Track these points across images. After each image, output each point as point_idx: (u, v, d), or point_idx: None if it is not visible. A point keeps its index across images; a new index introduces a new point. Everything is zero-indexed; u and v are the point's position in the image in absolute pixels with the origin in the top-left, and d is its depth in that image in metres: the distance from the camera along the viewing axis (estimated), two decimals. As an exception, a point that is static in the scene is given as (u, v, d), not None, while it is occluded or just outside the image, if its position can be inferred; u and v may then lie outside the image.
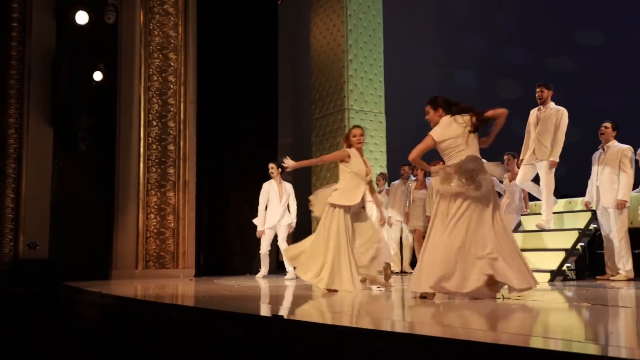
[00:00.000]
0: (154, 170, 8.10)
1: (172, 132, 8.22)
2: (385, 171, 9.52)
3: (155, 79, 8.23)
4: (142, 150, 8.02)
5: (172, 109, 8.26)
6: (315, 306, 3.79)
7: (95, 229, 7.98)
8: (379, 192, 8.03)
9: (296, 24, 11.38)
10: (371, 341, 2.17)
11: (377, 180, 8.60)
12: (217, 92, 9.11)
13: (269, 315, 2.72)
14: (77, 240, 7.64)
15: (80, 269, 7.29)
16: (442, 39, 12.48)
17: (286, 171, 6.41)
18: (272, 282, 6.63)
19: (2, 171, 7.33)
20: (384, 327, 2.54)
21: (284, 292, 5.19)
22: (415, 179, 7.89)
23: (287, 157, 5.25)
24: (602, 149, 6.15)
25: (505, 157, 7.24)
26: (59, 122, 7.76)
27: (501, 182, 7.38)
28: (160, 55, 8.29)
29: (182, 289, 5.70)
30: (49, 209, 7.57)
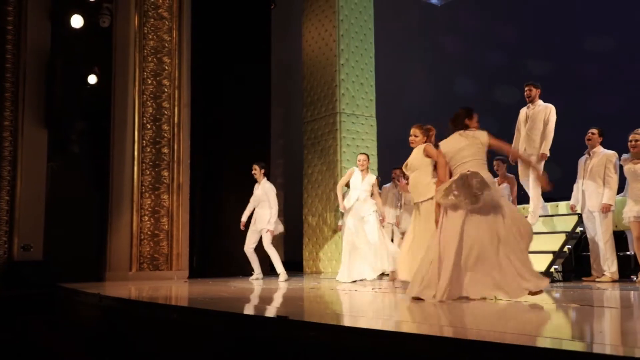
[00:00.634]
0: (148, 173, 8.16)
1: (166, 135, 8.30)
2: (376, 174, 9.64)
3: (149, 82, 8.30)
4: (136, 153, 8.08)
5: (166, 112, 8.33)
6: (318, 307, 3.91)
7: (89, 231, 8.03)
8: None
9: (288, 27, 11.49)
10: (379, 340, 2.29)
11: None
12: (210, 95, 9.20)
13: (274, 316, 2.83)
14: (71, 242, 7.69)
15: (74, 271, 7.35)
16: (432, 45, 12.67)
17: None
18: (266, 284, 6.73)
19: (-3, 173, 7.37)
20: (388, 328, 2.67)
21: (282, 293, 5.29)
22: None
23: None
24: (588, 154, 6.35)
25: (494, 163, 7.42)
26: (53, 124, 7.81)
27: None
28: (154, 59, 8.36)
29: (180, 290, 5.79)
30: (43, 211, 7.62)
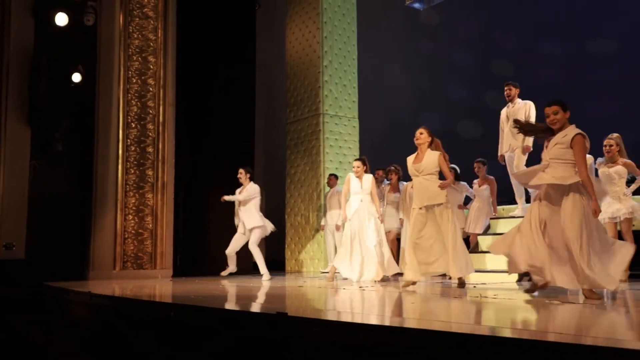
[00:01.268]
0: (133, 172, 8.18)
1: (151, 134, 8.32)
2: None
3: (134, 81, 8.31)
4: (120, 152, 8.09)
5: (151, 111, 8.35)
6: (313, 303, 4.02)
7: (72, 229, 8.01)
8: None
9: (271, 28, 11.58)
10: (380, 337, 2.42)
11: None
12: (195, 95, 9.24)
13: (273, 313, 2.93)
14: (54, 241, 7.66)
15: (56, 270, 7.34)
16: (412, 47, 12.87)
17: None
18: (252, 282, 6.82)
19: (-20, 171, 7.31)
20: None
21: (273, 291, 5.39)
22: (389, 182, 8.20)
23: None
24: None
25: (475, 164, 7.63)
26: (36, 122, 7.77)
27: (471, 186, 7.77)
28: (139, 58, 8.38)
29: (169, 288, 5.84)
30: (26, 209, 7.58)
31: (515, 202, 7.27)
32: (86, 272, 7.78)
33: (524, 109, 6.78)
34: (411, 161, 5.53)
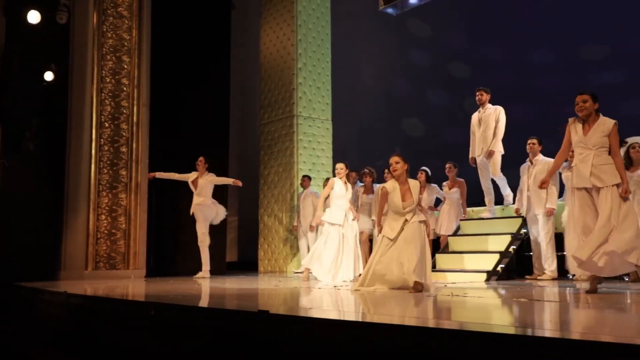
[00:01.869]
0: (106, 171, 8.13)
1: (124, 134, 8.28)
2: (331, 176, 9.93)
3: (108, 80, 8.27)
4: (93, 151, 8.04)
5: (125, 111, 8.32)
6: (292, 302, 4.12)
7: (43, 229, 7.91)
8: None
9: (246, 29, 11.63)
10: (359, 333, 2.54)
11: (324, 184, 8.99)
12: (170, 95, 9.23)
13: (255, 310, 3.02)
14: (24, 241, 7.57)
15: (26, 270, 7.25)
16: (387, 52, 13.09)
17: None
18: (226, 282, 6.87)
19: (-52, 170, 7.19)
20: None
21: (249, 291, 5.46)
22: (362, 184, 8.36)
23: None
24: (530, 162, 6.84)
25: (446, 167, 7.85)
26: (7, 120, 7.68)
27: (441, 188, 7.98)
28: (113, 57, 8.33)
29: (145, 288, 5.86)
30: (-5, 208, 7.47)
31: (484, 204, 7.52)
32: (57, 273, 7.70)
33: (494, 114, 7.05)
34: (397, 197, 4.98)
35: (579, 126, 4.50)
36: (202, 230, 8.09)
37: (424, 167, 8.06)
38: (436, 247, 7.81)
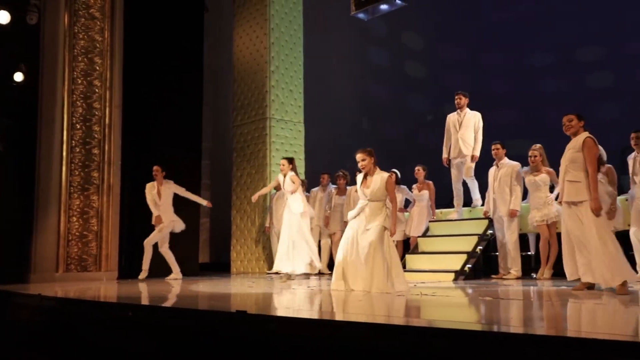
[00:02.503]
0: (77, 173, 8.09)
1: (96, 135, 8.25)
2: (303, 178, 10.05)
3: (79, 82, 8.23)
4: (64, 153, 7.99)
5: (97, 112, 8.29)
6: (267, 302, 4.22)
7: (11, 232, 7.84)
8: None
9: (219, 32, 11.65)
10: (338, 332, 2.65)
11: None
12: (142, 97, 9.19)
13: (232, 311, 3.12)
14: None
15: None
16: (356, 53, 13.28)
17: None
18: (205, 284, 6.92)
19: None
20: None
21: (223, 291, 5.53)
22: (336, 186, 8.52)
23: None
24: (497, 166, 7.08)
25: (416, 168, 8.05)
26: (-25, 122, 7.58)
27: (411, 190, 8.17)
28: (85, 58, 8.30)
29: (119, 290, 5.87)
30: (-37, 211, 7.37)
31: (452, 206, 7.73)
32: (27, 275, 7.63)
33: (473, 119, 7.31)
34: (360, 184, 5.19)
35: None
36: (159, 238, 8.10)
37: (394, 169, 8.24)
38: (406, 247, 8.00)
